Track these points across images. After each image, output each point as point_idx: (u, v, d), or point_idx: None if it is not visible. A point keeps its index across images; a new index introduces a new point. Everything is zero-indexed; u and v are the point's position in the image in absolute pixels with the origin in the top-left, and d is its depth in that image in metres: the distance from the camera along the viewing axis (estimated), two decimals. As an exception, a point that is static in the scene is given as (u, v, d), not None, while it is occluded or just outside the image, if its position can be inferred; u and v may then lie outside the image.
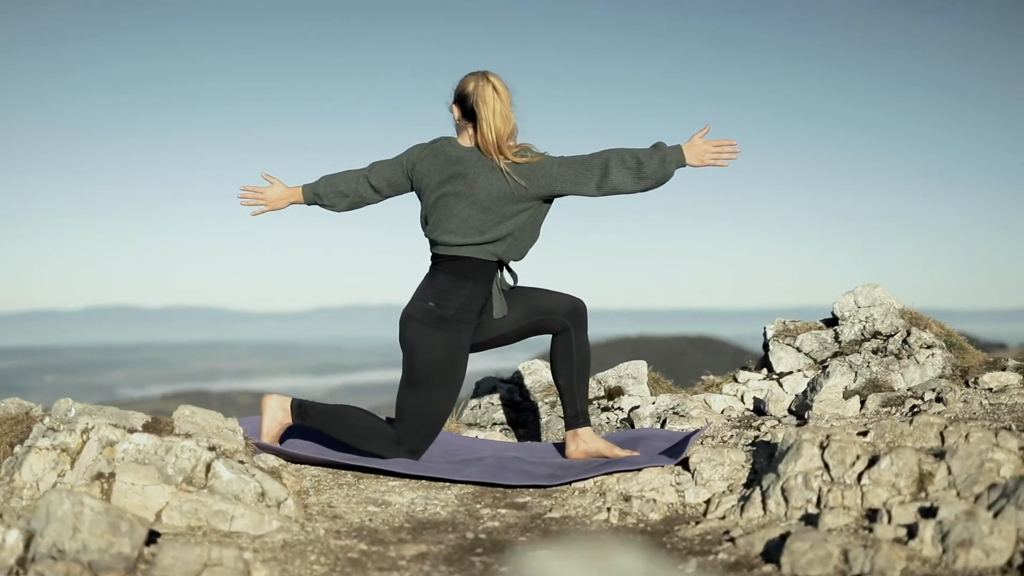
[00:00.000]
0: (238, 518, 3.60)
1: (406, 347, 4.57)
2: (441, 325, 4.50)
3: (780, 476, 3.59)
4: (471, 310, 4.54)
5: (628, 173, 4.43)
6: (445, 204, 4.51)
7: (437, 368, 4.50)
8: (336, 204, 4.81)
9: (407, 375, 4.57)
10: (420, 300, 4.57)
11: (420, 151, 4.67)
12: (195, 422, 4.12)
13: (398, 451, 4.53)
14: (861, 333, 5.74)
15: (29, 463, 3.88)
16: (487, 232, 4.46)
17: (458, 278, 4.50)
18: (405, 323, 4.59)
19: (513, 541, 3.52)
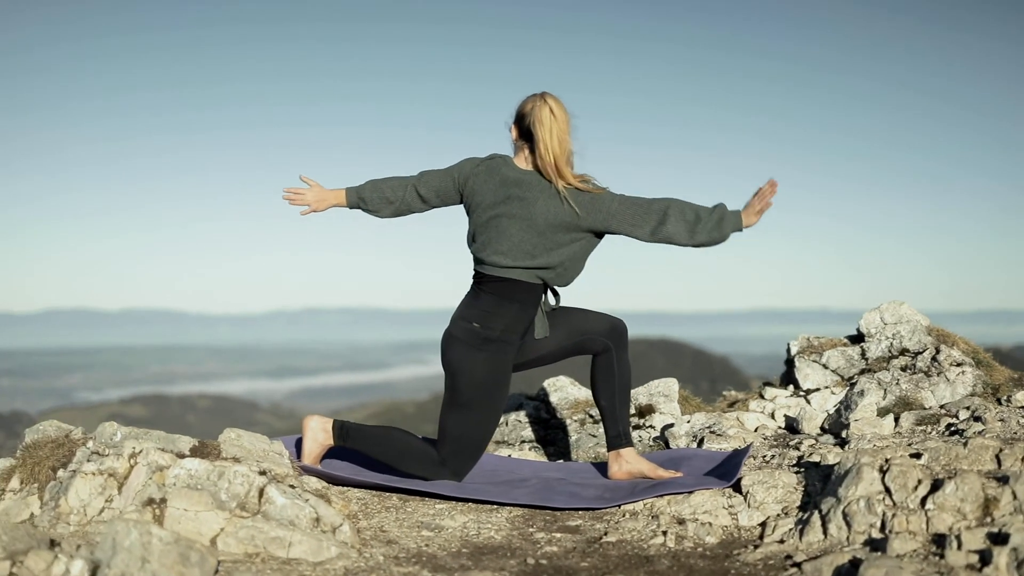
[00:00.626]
0: (296, 544, 3.56)
1: (449, 368, 4.52)
2: (485, 346, 4.46)
3: (840, 500, 3.59)
4: (515, 331, 4.51)
5: (684, 226, 4.42)
6: (498, 225, 4.47)
7: (480, 389, 4.47)
8: (380, 210, 4.75)
9: (450, 396, 4.53)
10: (463, 320, 4.53)
11: (474, 166, 4.61)
12: (241, 445, 4.07)
13: (441, 473, 4.50)
14: (888, 350, 5.76)
15: (75, 488, 3.82)
16: (538, 257, 4.43)
17: (504, 299, 4.47)
18: (448, 344, 4.55)
19: (576, 567, 3.50)
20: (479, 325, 4.47)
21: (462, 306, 4.60)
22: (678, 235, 4.42)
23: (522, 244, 4.43)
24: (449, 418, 4.53)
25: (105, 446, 3.97)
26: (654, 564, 3.51)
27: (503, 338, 4.48)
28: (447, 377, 4.55)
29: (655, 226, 4.43)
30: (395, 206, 4.73)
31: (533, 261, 4.43)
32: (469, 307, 4.56)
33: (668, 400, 5.80)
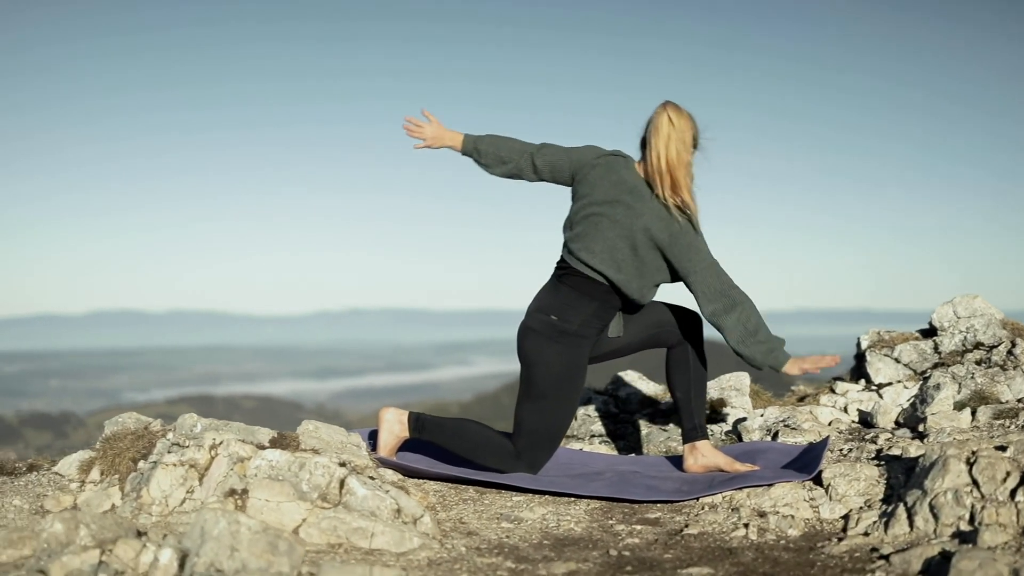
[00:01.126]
0: (378, 535, 3.56)
1: (525, 360, 4.51)
2: (561, 339, 4.45)
3: (927, 492, 3.55)
4: (592, 327, 4.49)
5: (740, 330, 4.32)
6: (598, 223, 4.42)
7: (556, 381, 4.45)
8: (492, 167, 4.71)
9: (526, 388, 4.53)
10: (541, 312, 4.52)
11: (595, 157, 4.54)
12: (319, 437, 4.08)
13: (516, 466, 4.49)
14: (962, 344, 5.70)
15: (157, 479, 3.84)
16: (622, 272, 4.38)
17: (583, 295, 4.45)
18: (524, 335, 4.54)
19: (659, 559, 3.48)
20: (557, 318, 4.46)
21: (540, 298, 4.58)
22: (730, 332, 4.32)
23: (614, 252, 4.39)
24: (525, 410, 4.52)
25: (185, 437, 4.00)
26: (738, 556, 3.48)
27: (580, 332, 4.46)
28: (523, 369, 4.53)
29: (718, 309, 4.32)
30: (508, 168, 4.69)
31: (617, 274, 4.39)
32: (548, 299, 4.54)
33: (739, 394, 5.76)
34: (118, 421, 4.40)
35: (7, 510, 4.00)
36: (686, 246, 4.34)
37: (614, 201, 4.41)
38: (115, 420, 4.41)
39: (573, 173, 4.58)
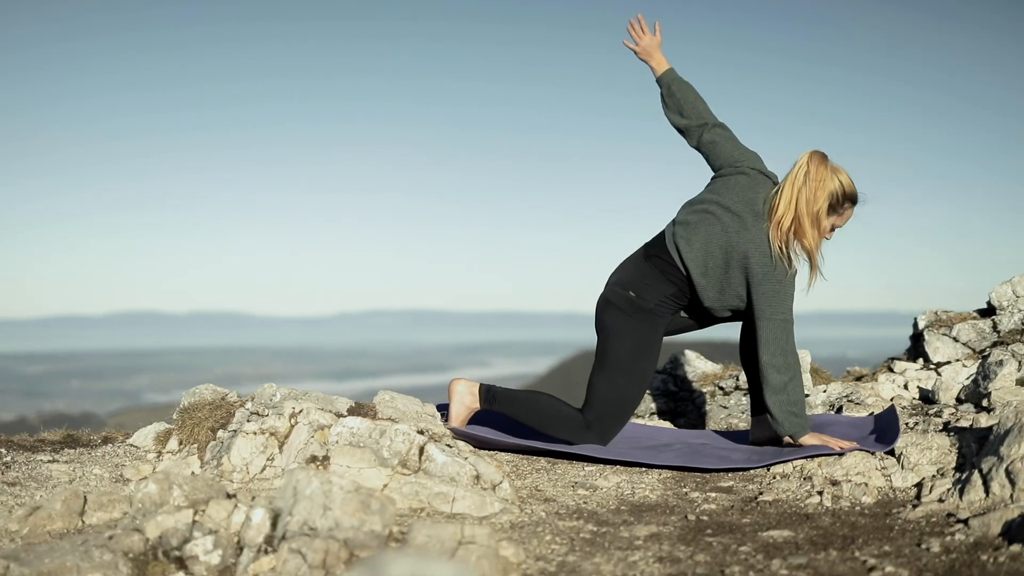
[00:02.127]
0: (459, 500, 3.62)
1: (602, 332, 4.58)
2: (638, 314, 4.50)
3: (1003, 459, 3.58)
4: (668, 307, 4.55)
5: (783, 394, 4.36)
6: (709, 222, 4.47)
7: (630, 355, 4.50)
8: (670, 111, 4.74)
9: (600, 360, 4.58)
10: (620, 287, 4.57)
11: (748, 167, 4.56)
12: (395, 407, 4.14)
13: (587, 437, 4.54)
14: (1021, 322, 5.73)
15: (238, 447, 3.91)
16: (707, 277, 4.44)
17: (665, 278, 4.50)
18: (603, 309, 4.59)
19: (737, 523, 3.52)
20: (635, 294, 4.51)
21: (622, 271, 4.63)
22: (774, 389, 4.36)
23: (707, 256, 4.44)
24: (598, 381, 4.57)
25: (264, 407, 4.06)
26: (815, 521, 3.52)
27: (655, 311, 4.51)
28: (599, 340, 4.59)
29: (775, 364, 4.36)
30: (681, 122, 4.72)
31: (701, 278, 4.45)
32: (629, 274, 4.59)
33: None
34: (195, 392, 4.46)
35: (88, 479, 4.06)
36: (772, 291, 4.37)
37: (736, 213, 4.44)
38: (192, 391, 4.48)
39: (722, 166, 4.61)
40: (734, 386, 5.95)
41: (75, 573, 2.97)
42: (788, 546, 3.22)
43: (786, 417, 4.32)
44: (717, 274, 4.41)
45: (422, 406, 4.26)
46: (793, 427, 4.33)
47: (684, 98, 4.68)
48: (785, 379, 4.32)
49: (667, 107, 4.73)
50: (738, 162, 4.56)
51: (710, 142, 4.62)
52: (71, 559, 3.00)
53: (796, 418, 4.34)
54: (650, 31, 4.80)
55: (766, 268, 4.34)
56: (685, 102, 4.68)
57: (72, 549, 3.09)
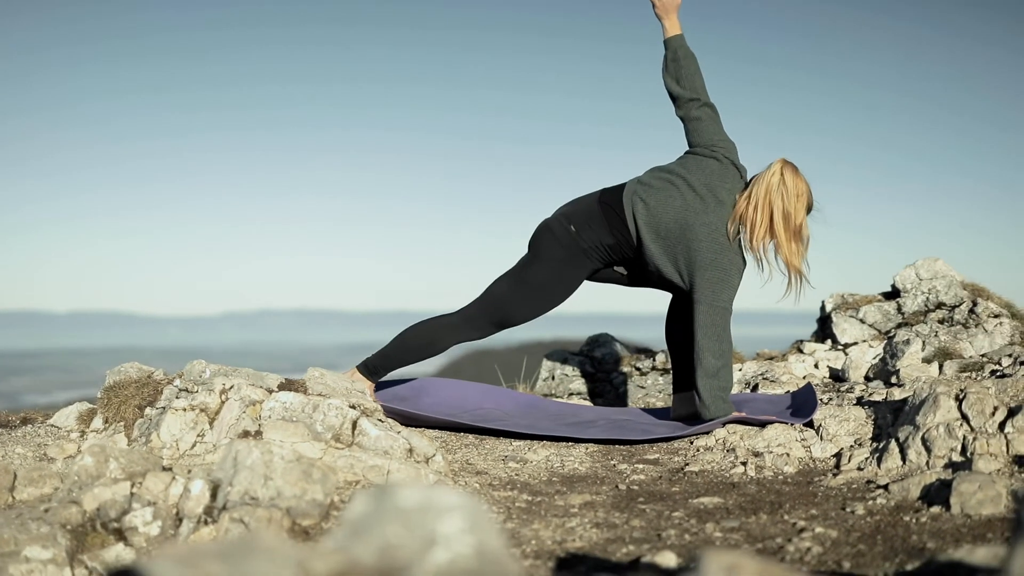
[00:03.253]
0: (394, 472, 3.64)
1: (530, 251, 4.70)
2: (569, 248, 4.57)
3: (919, 427, 3.73)
4: (601, 255, 4.62)
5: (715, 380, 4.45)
6: (671, 193, 4.53)
7: (544, 279, 4.62)
8: (668, 75, 4.74)
9: (518, 268, 4.70)
10: (565, 219, 4.65)
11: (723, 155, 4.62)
12: (325, 383, 4.14)
13: (463, 333, 4.68)
14: (925, 304, 5.93)
15: (167, 424, 3.88)
16: (657, 243, 4.51)
17: (608, 228, 4.57)
18: (541, 232, 4.68)
19: (667, 492, 3.62)
20: (575, 230, 4.58)
21: (572, 206, 4.70)
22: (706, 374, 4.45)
23: (659, 223, 4.50)
24: (501, 283, 4.70)
25: (194, 383, 4.04)
26: (742, 489, 3.63)
27: (588, 252, 4.59)
28: (524, 257, 4.71)
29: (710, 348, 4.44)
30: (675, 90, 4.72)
31: (652, 243, 4.51)
32: (579, 211, 4.66)
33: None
34: (120, 370, 4.41)
35: (11, 458, 4.00)
36: (717, 279, 4.45)
37: (699, 194, 4.51)
38: (117, 370, 4.42)
39: (700, 144, 4.66)
40: (651, 366, 6.07)
41: (12, 545, 2.93)
42: (719, 511, 3.32)
43: (714, 401, 4.43)
44: (666, 243, 4.49)
45: (351, 383, 4.27)
46: (719, 411, 4.43)
47: (687, 68, 4.73)
48: (719, 364, 4.43)
49: (667, 71, 4.76)
50: (716, 147, 4.64)
51: (696, 119, 4.69)
52: (7, 532, 2.96)
53: (723, 403, 4.45)
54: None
55: (715, 255, 4.43)
56: (686, 72, 4.73)
57: (7, 522, 3.05)
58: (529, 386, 6.15)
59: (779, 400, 4.87)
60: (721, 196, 4.52)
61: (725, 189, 4.54)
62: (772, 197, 4.43)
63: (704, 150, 4.63)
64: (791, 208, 4.45)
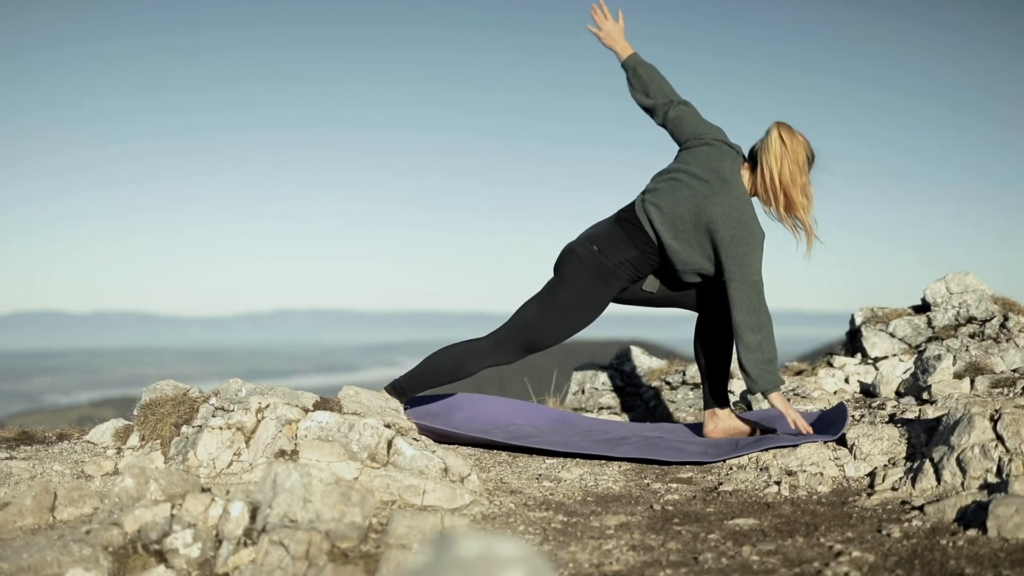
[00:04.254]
0: (430, 492, 3.67)
1: (557, 274, 4.72)
2: (597, 269, 4.60)
3: (954, 448, 3.72)
4: (627, 272, 4.65)
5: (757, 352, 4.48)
6: (677, 189, 4.58)
7: (572, 301, 4.64)
8: (636, 92, 4.83)
9: (544, 293, 4.72)
10: (588, 241, 4.69)
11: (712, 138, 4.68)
12: (360, 401, 4.17)
13: (492, 357, 4.70)
14: (955, 318, 5.92)
15: (204, 442, 3.91)
16: (678, 240, 4.54)
17: (631, 242, 4.62)
18: (566, 255, 4.72)
19: (702, 512, 3.62)
20: (599, 250, 4.62)
21: (593, 229, 4.75)
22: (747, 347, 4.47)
23: (677, 220, 4.54)
24: (530, 307, 4.72)
25: (230, 402, 4.07)
26: (777, 510, 3.64)
27: (615, 272, 4.62)
28: (551, 280, 4.74)
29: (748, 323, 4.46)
30: (647, 102, 4.81)
31: (671, 240, 4.55)
32: (600, 232, 4.71)
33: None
34: (156, 388, 4.44)
35: (50, 475, 4.04)
36: (741, 253, 4.47)
37: (703, 179, 4.55)
38: (153, 387, 4.46)
39: (688, 139, 4.72)
40: (681, 381, 6.08)
41: (56, 567, 2.97)
42: (755, 533, 3.32)
43: (760, 373, 4.45)
44: (687, 237, 4.52)
45: (386, 401, 4.30)
46: (767, 383, 4.47)
47: (649, 79, 4.80)
48: (759, 338, 4.46)
49: (633, 88, 4.84)
50: (703, 135, 4.69)
51: (676, 118, 4.74)
52: (50, 554, 3.00)
53: (769, 374, 4.47)
54: (612, 17, 4.90)
55: (734, 231, 4.46)
56: (650, 83, 4.80)
57: (49, 544, 3.09)
58: (559, 400, 6.16)
59: (811, 417, 4.87)
60: (724, 175, 4.57)
61: (726, 167, 4.59)
62: (781, 164, 4.51)
63: (694, 141, 4.69)
64: (796, 170, 4.53)
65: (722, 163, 4.60)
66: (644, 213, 4.61)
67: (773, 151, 4.52)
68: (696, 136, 4.70)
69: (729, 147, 4.68)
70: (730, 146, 4.69)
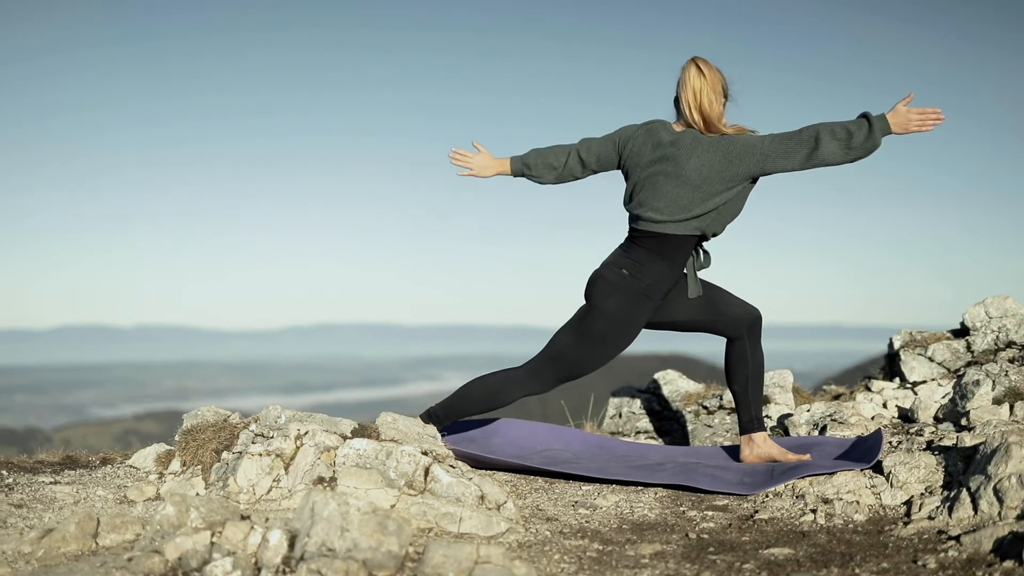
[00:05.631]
0: (466, 520, 3.70)
1: (589, 302, 4.72)
2: (627, 292, 4.62)
3: (991, 477, 3.71)
4: (660, 289, 4.66)
5: (838, 144, 4.47)
6: (654, 184, 4.60)
7: (607, 329, 4.64)
8: (543, 176, 4.89)
9: (576, 322, 4.72)
10: (615, 266, 4.69)
11: (634, 130, 4.76)
12: (398, 428, 4.21)
13: (528, 387, 4.71)
14: (995, 343, 5.90)
15: (244, 469, 3.96)
16: (693, 209, 4.55)
17: (654, 254, 4.62)
18: (595, 282, 4.72)
19: (737, 541, 3.63)
20: (629, 273, 4.63)
21: (615, 255, 4.76)
22: (834, 155, 4.48)
23: (678, 199, 4.56)
24: (563, 336, 4.73)
25: (269, 428, 4.12)
26: (812, 539, 3.64)
27: (647, 292, 4.63)
28: (582, 308, 4.74)
29: (809, 152, 4.49)
30: (558, 172, 4.87)
31: (688, 213, 4.56)
32: (622, 256, 4.72)
33: (783, 391, 5.94)
34: (197, 414, 4.51)
35: (93, 500, 4.10)
36: (742, 155, 4.53)
37: (661, 158, 4.60)
38: (194, 413, 4.52)
39: (619, 152, 4.78)
40: (718, 405, 6.08)
41: (98, 595, 3.02)
42: (790, 563, 3.33)
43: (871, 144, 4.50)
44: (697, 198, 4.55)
45: (422, 427, 4.34)
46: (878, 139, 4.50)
47: (542, 159, 4.87)
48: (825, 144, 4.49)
49: (540, 178, 4.91)
50: (623, 138, 4.78)
51: (591, 155, 4.81)
52: (93, 581, 3.05)
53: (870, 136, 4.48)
54: (473, 151, 4.95)
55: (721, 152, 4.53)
56: (546, 159, 4.87)
57: (92, 571, 3.15)
58: (597, 424, 6.18)
59: (848, 444, 4.86)
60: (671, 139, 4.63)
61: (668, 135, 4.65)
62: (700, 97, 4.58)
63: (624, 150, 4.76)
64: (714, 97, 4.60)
65: (659, 136, 4.67)
66: (650, 221, 4.61)
67: (693, 87, 4.58)
68: (622, 145, 4.77)
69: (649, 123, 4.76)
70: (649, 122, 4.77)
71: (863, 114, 4.53)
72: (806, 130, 4.53)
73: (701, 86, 4.57)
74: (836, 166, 4.56)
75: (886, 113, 4.52)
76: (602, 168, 4.85)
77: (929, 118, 4.50)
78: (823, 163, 4.53)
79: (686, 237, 4.62)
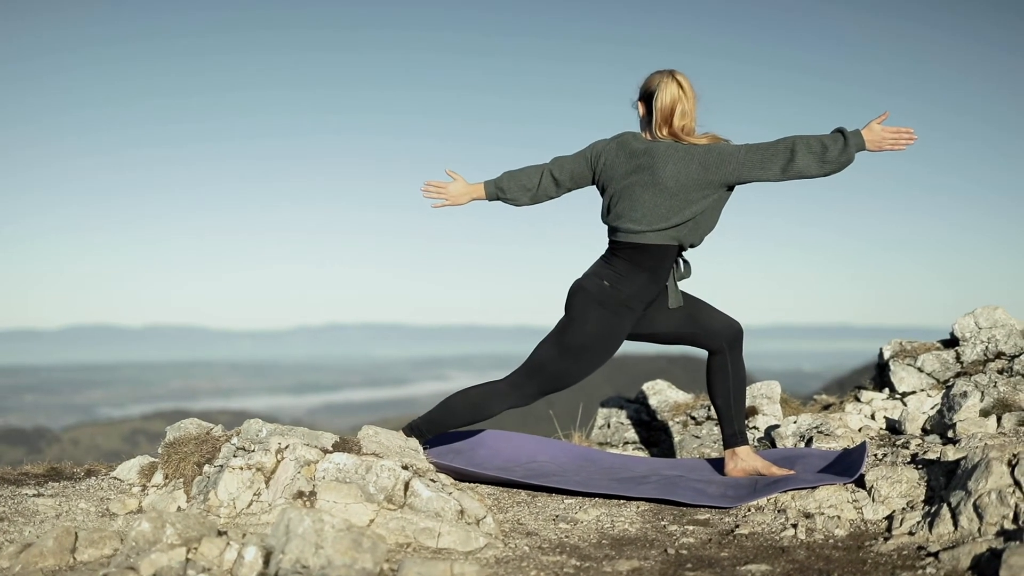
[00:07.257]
0: (445, 535, 3.70)
1: (568, 313, 4.71)
2: (609, 305, 4.61)
3: (971, 493, 3.70)
4: (641, 300, 4.66)
5: (813, 158, 4.48)
6: (631, 194, 4.60)
7: (589, 341, 4.63)
8: (519, 199, 4.88)
9: (558, 331, 4.71)
10: (595, 276, 4.69)
11: (604, 144, 4.76)
12: (379, 441, 4.21)
13: (510, 400, 4.71)
14: (984, 354, 5.89)
15: (224, 482, 3.96)
16: (672, 218, 4.55)
17: (635, 266, 4.62)
18: (575, 293, 4.71)
19: (716, 557, 3.62)
20: (609, 284, 4.62)
21: (596, 265, 4.75)
22: (808, 168, 4.50)
23: (655, 209, 4.55)
24: (544, 349, 4.72)
25: (251, 442, 4.12)
26: (791, 555, 3.63)
27: (628, 303, 4.62)
28: (562, 319, 4.73)
29: (785, 164, 4.50)
30: (532, 193, 4.86)
31: (666, 222, 4.55)
32: (603, 267, 4.71)
33: (771, 402, 5.93)
34: (180, 427, 4.51)
35: (75, 513, 4.11)
36: (718, 163, 4.53)
37: (636, 169, 4.60)
38: (177, 426, 4.53)
39: (593, 168, 4.78)
40: (706, 416, 6.07)
41: (72, 612, 3.02)
42: (766, 581, 3.32)
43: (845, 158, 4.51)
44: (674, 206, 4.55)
45: (404, 440, 4.34)
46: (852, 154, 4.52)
47: (516, 181, 4.86)
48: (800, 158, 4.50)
49: (516, 200, 4.90)
50: (595, 153, 4.78)
51: (564, 173, 4.81)
52: (67, 598, 3.05)
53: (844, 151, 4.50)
54: (448, 180, 4.94)
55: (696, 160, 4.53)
56: (519, 181, 4.86)
57: (67, 587, 3.15)
58: (585, 434, 6.18)
59: (833, 456, 4.85)
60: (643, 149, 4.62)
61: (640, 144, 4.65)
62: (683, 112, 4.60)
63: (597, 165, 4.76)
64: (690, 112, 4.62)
65: (631, 147, 4.67)
66: (628, 232, 4.61)
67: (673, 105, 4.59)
68: (595, 160, 4.76)
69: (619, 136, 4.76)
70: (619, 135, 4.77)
71: (838, 129, 4.53)
72: (782, 142, 4.54)
73: (679, 96, 4.58)
74: (811, 179, 4.57)
75: (860, 129, 4.53)
76: (576, 185, 4.85)
77: (902, 138, 4.52)
78: (798, 175, 4.54)
79: (666, 247, 4.61)
